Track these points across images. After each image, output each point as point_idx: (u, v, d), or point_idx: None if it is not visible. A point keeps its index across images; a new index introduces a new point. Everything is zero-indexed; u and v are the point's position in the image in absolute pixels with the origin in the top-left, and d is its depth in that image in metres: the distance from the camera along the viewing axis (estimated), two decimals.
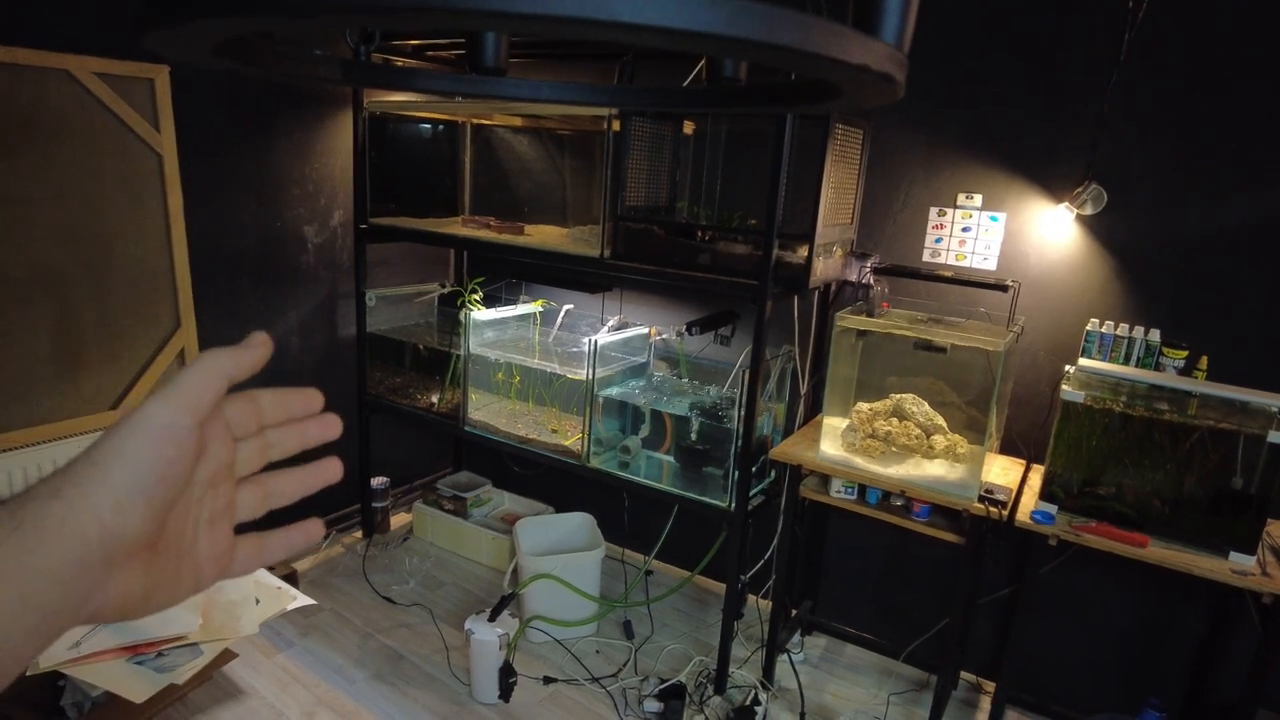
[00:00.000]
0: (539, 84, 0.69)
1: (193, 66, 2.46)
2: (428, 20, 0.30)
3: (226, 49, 0.44)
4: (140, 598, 0.39)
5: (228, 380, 0.41)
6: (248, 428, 0.45)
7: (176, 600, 0.41)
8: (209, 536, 0.43)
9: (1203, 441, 2.10)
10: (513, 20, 0.29)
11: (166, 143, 2.63)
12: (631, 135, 2.64)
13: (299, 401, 0.48)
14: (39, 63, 2.28)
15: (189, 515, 0.42)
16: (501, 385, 3.48)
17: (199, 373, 0.40)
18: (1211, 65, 2.21)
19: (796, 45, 0.33)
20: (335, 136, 3.24)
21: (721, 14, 0.31)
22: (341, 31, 0.47)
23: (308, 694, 2.58)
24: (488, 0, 0.28)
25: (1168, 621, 2.54)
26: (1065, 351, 2.54)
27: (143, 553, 0.38)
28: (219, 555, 0.44)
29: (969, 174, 2.61)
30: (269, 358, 0.43)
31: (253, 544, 0.46)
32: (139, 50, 2.50)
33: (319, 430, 0.49)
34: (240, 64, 0.49)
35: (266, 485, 0.47)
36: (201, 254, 2.82)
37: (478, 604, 3.12)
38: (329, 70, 0.63)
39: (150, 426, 0.37)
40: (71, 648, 2.19)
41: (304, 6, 0.29)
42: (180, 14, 0.32)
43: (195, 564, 0.43)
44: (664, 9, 0.29)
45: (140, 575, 0.38)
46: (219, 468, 0.43)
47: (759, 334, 2.43)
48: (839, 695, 2.80)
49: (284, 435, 0.48)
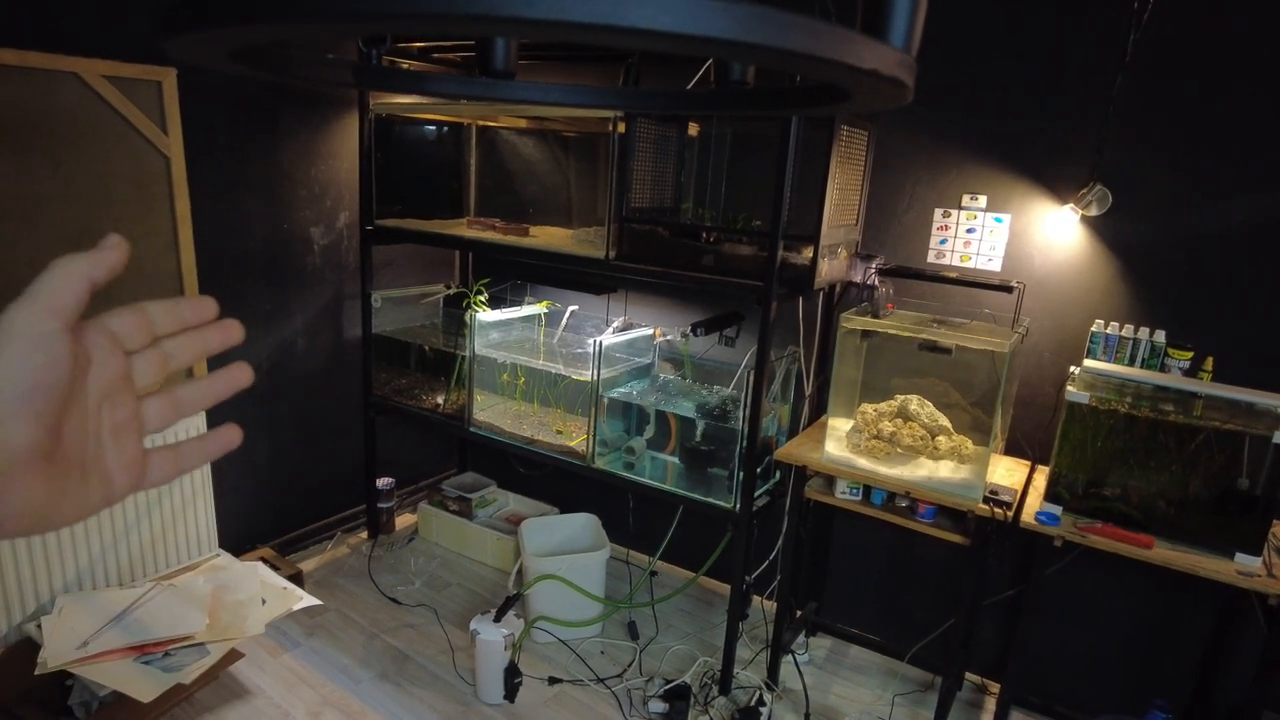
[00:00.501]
0: (549, 87, 0.69)
1: (200, 69, 2.48)
2: (445, 26, 0.30)
3: (244, 55, 0.45)
4: (45, 508, 0.39)
5: (87, 281, 0.41)
6: (138, 339, 0.45)
7: (88, 512, 0.42)
8: (115, 448, 0.43)
9: (1208, 443, 2.10)
10: (530, 26, 0.29)
11: (174, 145, 2.64)
12: (637, 137, 2.65)
13: (192, 310, 0.47)
14: (48, 65, 2.29)
15: (87, 427, 0.42)
16: (507, 386, 3.49)
17: (54, 277, 0.40)
18: (1218, 66, 2.21)
19: (808, 50, 0.33)
20: (341, 138, 3.25)
21: (734, 20, 0.31)
22: (353, 36, 0.48)
23: (313, 694, 2.59)
24: (504, 6, 0.29)
25: (1173, 623, 2.54)
26: (1070, 352, 2.54)
27: (39, 464, 0.38)
28: (129, 465, 0.44)
29: (974, 175, 2.61)
30: (126, 259, 0.43)
31: (167, 453, 0.47)
32: (147, 53, 2.51)
33: (219, 336, 0.48)
34: (255, 69, 0.49)
35: (174, 395, 0.47)
36: (208, 255, 2.83)
37: (483, 604, 3.13)
38: (340, 74, 0.64)
39: (12, 335, 0.37)
40: (80, 647, 2.20)
41: (325, 12, 0.30)
42: (204, 21, 0.32)
43: (104, 475, 0.43)
44: (677, 14, 0.30)
45: (41, 486, 0.39)
46: (112, 378, 0.43)
47: (764, 335, 2.43)
48: (844, 696, 2.80)
49: (182, 344, 0.47)
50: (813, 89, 0.55)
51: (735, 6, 0.31)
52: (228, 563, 2.78)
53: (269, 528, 3.33)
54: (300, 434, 3.37)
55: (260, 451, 3.24)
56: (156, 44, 0.37)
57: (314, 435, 3.43)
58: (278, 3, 0.30)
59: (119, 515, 2.59)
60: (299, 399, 3.33)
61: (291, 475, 3.37)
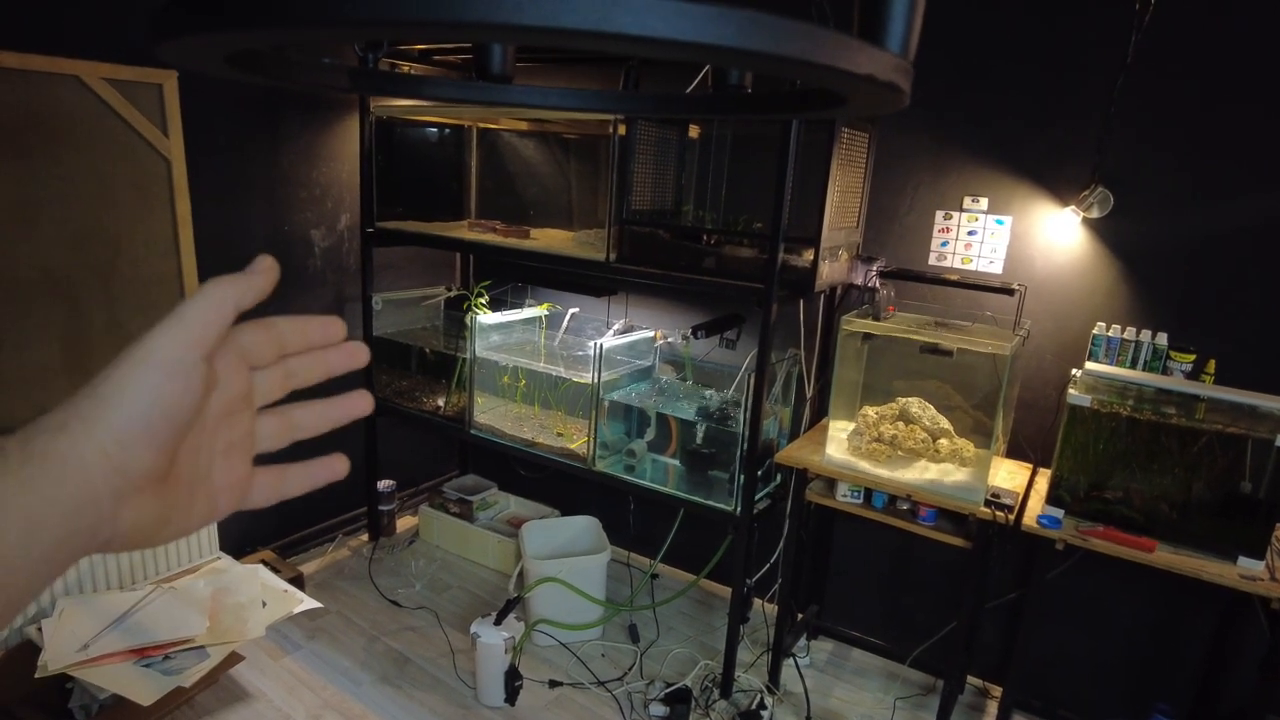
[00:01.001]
0: (546, 91, 0.69)
1: (201, 72, 2.48)
2: (436, 33, 0.30)
3: (238, 59, 0.44)
4: (153, 527, 0.38)
5: (235, 309, 0.40)
6: (265, 356, 0.44)
7: (191, 529, 0.41)
8: (225, 466, 0.42)
9: (1211, 446, 2.09)
10: (522, 32, 0.29)
11: (175, 147, 2.64)
12: (637, 139, 2.65)
13: (319, 329, 0.46)
14: (50, 68, 2.30)
15: (202, 446, 0.41)
16: (507, 388, 3.49)
17: (204, 304, 0.38)
18: (1219, 67, 2.21)
19: (802, 56, 0.33)
20: (342, 140, 3.25)
21: (728, 25, 0.31)
22: (346, 42, 0.48)
23: (314, 697, 2.59)
24: (496, 13, 0.28)
25: (1176, 626, 2.53)
26: (1072, 355, 2.53)
27: (154, 484, 0.37)
28: (235, 485, 0.43)
29: (975, 177, 2.60)
30: (276, 282, 0.41)
31: (272, 475, 0.46)
32: (148, 56, 2.51)
33: (342, 359, 0.47)
34: (250, 73, 0.49)
35: (290, 416, 0.46)
36: (209, 257, 2.83)
37: (483, 607, 3.12)
38: (337, 78, 0.63)
39: (154, 362, 0.36)
40: (80, 650, 2.20)
41: (317, 18, 0.29)
42: (194, 25, 0.32)
43: (210, 493, 0.42)
44: (669, 20, 0.30)
45: (152, 505, 0.38)
46: (234, 398, 0.42)
47: (764, 338, 2.43)
48: (845, 699, 2.80)
49: (305, 364, 0.46)
50: (809, 93, 0.55)
51: (729, 12, 0.31)
52: (228, 565, 2.77)
53: (270, 530, 3.33)
54: None
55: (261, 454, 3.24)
56: (150, 49, 0.36)
57: (315, 437, 3.42)
58: (269, 9, 0.29)
59: None
60: (299, 400, 3.32)
61: None
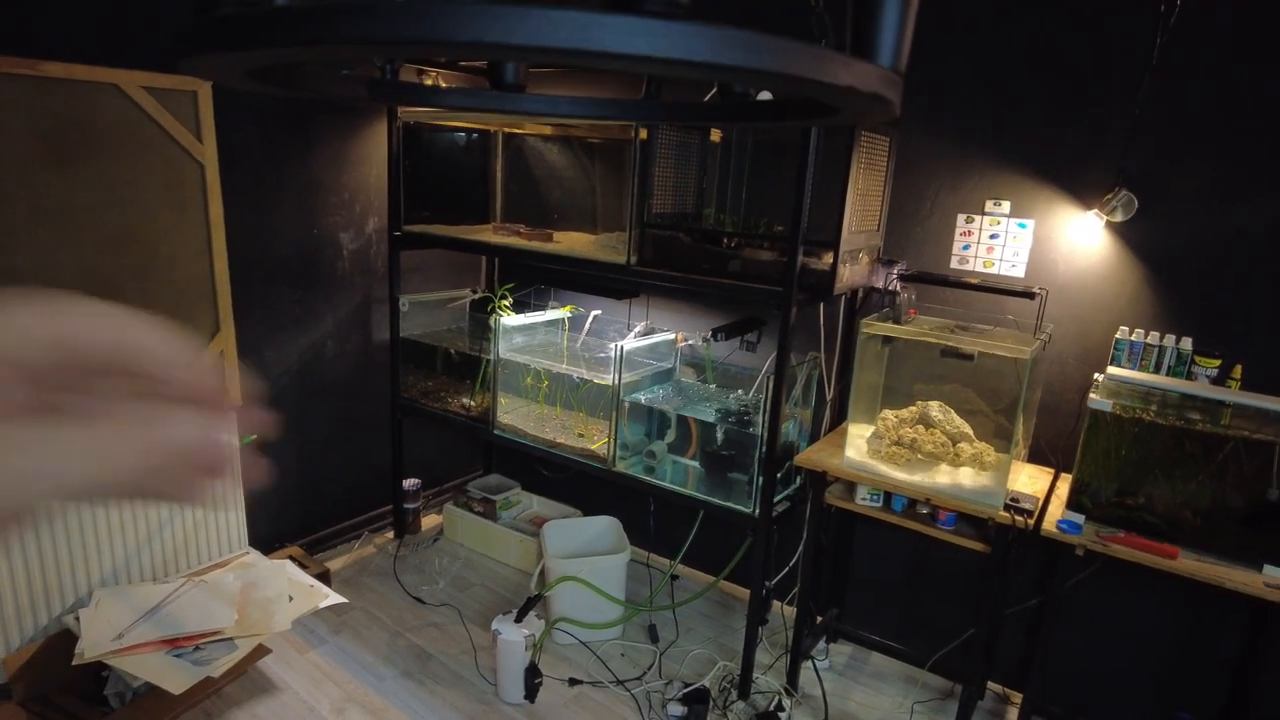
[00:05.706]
0: (557, 99, 0.72)
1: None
2: (434, 51, 0.33)
3: (257, 74, 0.48)
4: None
5: None
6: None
7: None
8: None
9: (1236, 452, 2.06)
10: (513, 51, 0.32)
11: (208, 152, 2.72)
12: (659, 144, 2.67)
13: None
14: (90, 77, 2.38)
15: None
16: (530, 389, 3.53)
17: None
18: (1246, 68, 2.18)
19: (782, 70, 0.35)
20: (370, 146, 3.32)
21: (708, 42, 0.33)
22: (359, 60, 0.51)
23: (338, 690, 2.64)
24: (489, 33, 0.31)
25: (1200, 634, 2.49)
26: (1094, 360, 2.51)
27: None
28: None
29: (997, 180, 2.59)
30: None
31: None
32: None
33: None
34: (270, 86, 0.52)
35: None
36: (241, 260, 2.90)
37: (505, 605, 3.16)
38: (356, 89, 0.67)
39: None
40: (115, 639, 2.27)
41: (325, 38, 0.32)
42: (207, 46, 0.35)
43: None
44: (650, 38, 0.32)
45: None
46: None
47: (784, 340, 2.44)
48: (864, 703, 2.79)
49: None
50: (805, 103, 0.57)
51: (709, 29, 0.33)
52: (257, 560, 2.84)
53: (297, 527, 3.40)
54: (329, 435, 3.43)
55: (289, 452, 3.31)
56: (176, 61, 0.39)
57: (342, 436, 3.50)
58: (275, 31, 0.32)
59: (152, 513, 2.67)
60: (328, 401, 3.39)
61: (320, 475, 3.44)
